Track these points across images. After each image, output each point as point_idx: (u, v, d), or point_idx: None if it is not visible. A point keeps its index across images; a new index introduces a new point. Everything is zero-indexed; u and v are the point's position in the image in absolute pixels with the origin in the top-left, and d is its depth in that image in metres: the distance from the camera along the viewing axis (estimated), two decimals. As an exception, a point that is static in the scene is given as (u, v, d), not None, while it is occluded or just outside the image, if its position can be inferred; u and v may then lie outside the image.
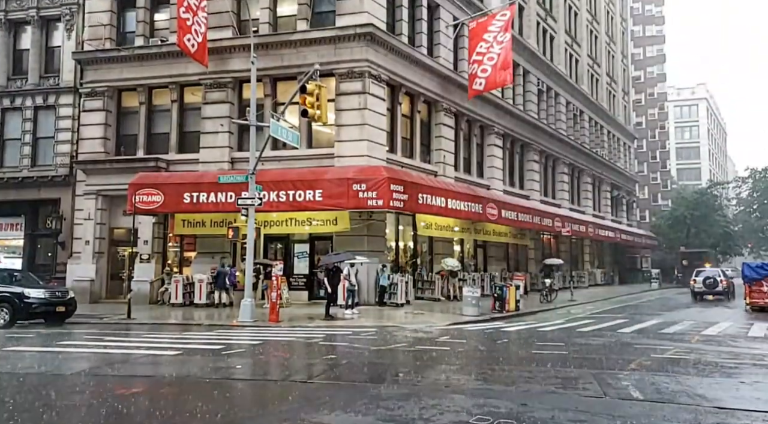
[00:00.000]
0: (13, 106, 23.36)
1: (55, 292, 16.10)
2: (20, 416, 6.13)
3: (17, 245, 23.53)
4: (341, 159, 19.64)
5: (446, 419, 5.69)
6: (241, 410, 6.45)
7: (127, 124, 22.95)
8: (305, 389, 7.27)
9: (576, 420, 5.63)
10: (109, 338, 12.82)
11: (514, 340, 12.35)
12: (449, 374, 8.30)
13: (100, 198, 22.22)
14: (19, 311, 14.93)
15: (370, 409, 6.08)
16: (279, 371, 8.96)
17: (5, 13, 23.44)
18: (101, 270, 22.16)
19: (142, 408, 6.57)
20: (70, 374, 8.54)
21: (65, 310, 15.97)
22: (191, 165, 21.41)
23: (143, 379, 8.11)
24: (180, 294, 20.03)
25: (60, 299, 15.84)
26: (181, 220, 21.05)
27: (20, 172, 23.01)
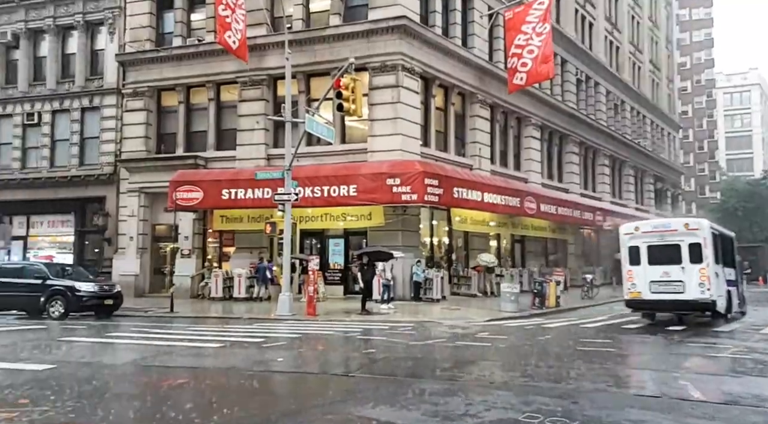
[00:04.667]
0: (62, 108, 24.33)
1: (104, 286, 16.74)
2: (80, 402, 6.43)
3: (68, 241, 24.55)
4: (375, 154, 19.62)
5: (493, 415, 5.57)
6: (284, 402, 6.55)
7: (166, 122, 23.57)
8: (347, 383, 7.28)
9: (635, 420, 5.40)
10: (155, 330, 13.23)
11: (557, 336, 12.07)
12: (493, 370, 8.18)
13: (142, 195, 22.93)
14: (71, 303, 15.62)
15: (414, 404, 6.03)
16: (319, 365, 9.05)
17: (54, 20, 24.39)
18: (145, 265, 22.89)
19: (189, 398, 6.75)
20: (122, 364, 8.88)
21: (113, 303, 16.61)
22: (228, 162, 21.82)
23: (189, 370, 8.33)
24: (220, 288, 20.48)
25: (108, 293, 16.47)
26: (220, 216, 21.50)
27: (69, 171, 23.97)
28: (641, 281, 13.65)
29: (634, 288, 13.82)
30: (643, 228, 14.19)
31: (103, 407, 6.31)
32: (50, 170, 24.33)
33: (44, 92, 24.51)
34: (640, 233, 13.99)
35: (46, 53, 24.70)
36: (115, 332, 12.98)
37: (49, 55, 24.60)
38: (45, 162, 24.44)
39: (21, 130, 24.81)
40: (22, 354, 10.13)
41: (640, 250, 13.79)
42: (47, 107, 24.49)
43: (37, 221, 24.99)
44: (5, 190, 24.65)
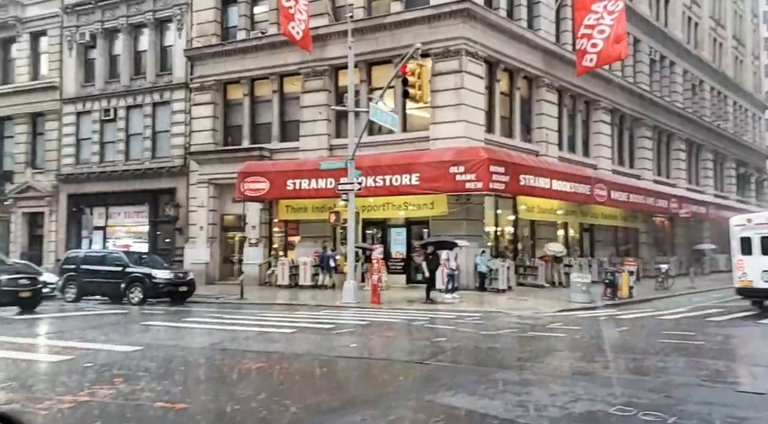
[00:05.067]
0: (135, 103, 25.45)
1: (178, 273, 17.47)
2: (168, 382, 6.68)
3: (143, 230, 25.77)
4: (437, 141, 19.29)
5: (581, 407, 5.29)
6: (362, 388, 6.53)
7: (233, 115, 24.18)
8: (423, 371, 7.18)
9: (740, 418, 4.98)
10: (228, 316, 13.66)
11: (634, 328, 11.49)
12: (572, 361, 7.85)
13: (211, 186, 23.68)
14: (149, 290, 16.40)
15: (496, 393, 5.85)
16: (392, 352, 9.00)
17: (127, 19, 25.49)
18: (214, 254, 23.69)
19: (268, 382, 6.86)
20: (201, 347, 9.17)
21: (187, 290, 17.31)
22: (292, 153, 22.12)
23: (264, 354, 8.49)
24: (286, 276, 20.91)
25: (182, 280, 17.17)
26: (285, 206, 21.89)
27: (142, 164, 25.09)
28: (753, 271, 14.35)
29: (745, 277, 14.60)
30: (756, 220, 15.16)
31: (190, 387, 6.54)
32: (125, 163, 25.55)
33: (119, 89, 25.72)
34: (753, 225, 14.92)
35: (120, 51, 25.87)
36: (191, 318, 13.50)
37: (123, 53, 25.76)
38: (121, 156, 25.69)
39: (99, 125, 26.17)
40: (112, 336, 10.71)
41: (753, 241, 14.60)
42: (122, 103, 25.69)
43: (114, 211, 26.36)
44: (86, 182, 26.13)
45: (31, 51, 27.65)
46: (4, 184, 27.48)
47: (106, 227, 26.34)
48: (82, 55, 26.67)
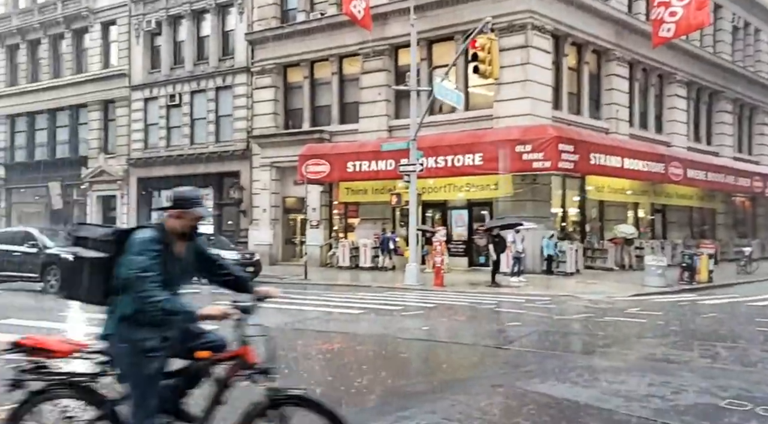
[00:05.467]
0: (199, 88, 26.04)
1: (245, 254, 17.89)
2: None
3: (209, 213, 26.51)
4: (501, 120, 18.67)
5: (687, 399, 4.92)
6: (442, 371, 6.39)
7: (293, 98, 24.32)
8: (505, 356, 6.97)
9: None
10: (294, 296, 13.81)
11: (722, 315, 10.77)
12: (662, 348, 7.41)
13: (273, 169, 24.02)
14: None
15: (588, 381, 5.55)
16: (466, 335, 8.81)
17: (190, 4, 25.99)
18: (277, 235, 24.11)
19: (346, 362, 6.82)
20: (275, 327, 9.28)
21: (253, 270, 17.69)
22: (351, 135, 22.04)
23: (339, 335, 8.51)
24: (347, 258, 21.03)
25: (249, 261, 17.56)
26: (345, 188, 21.91)
27: (207, 148, 25.74)
28: None
29: None
30: None
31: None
32: (191, 147, 26.29)
33: (183, 75, 26.38)
34: None
35: (184, 37, 26.47)
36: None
37: (187, 39, 26.34)
38: (186, 140, 26.44)
39: (165, 111, 27.00)
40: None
41: None
42: (186, 88, 26.36)
43: (181, 194, 27.22)
44: (154, 166, 27.12)
45: (102, 40, 28.75)
46: (80, 168, 28.91)
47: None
48: (148, 43, 27.49)
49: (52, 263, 14.23)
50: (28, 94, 30.59)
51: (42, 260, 14.43)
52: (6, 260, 15.16)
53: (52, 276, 14.18)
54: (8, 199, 31.92)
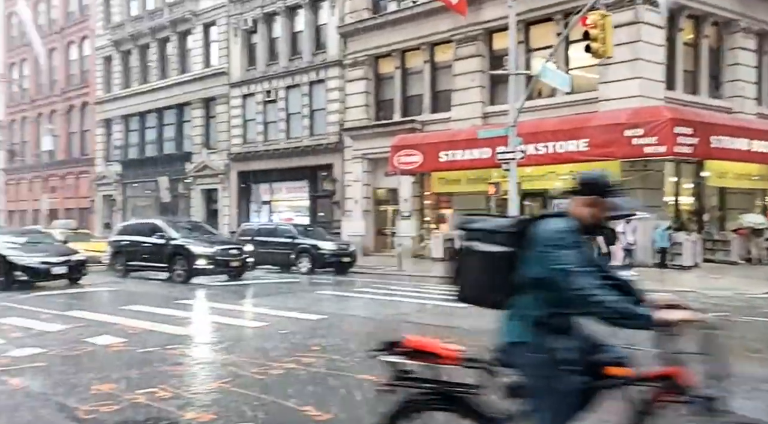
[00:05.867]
0: (294, 83, 26.72)
1: (341, 245, 18.17)
2: (358, 355, 6.65)
3: (303, 205, 27.28)
4: (607, 103, 17.45)
5: None
6: None
7: (384, 89, 24.29)
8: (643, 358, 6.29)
9: None
10: (394, 287, 13.80)
11: None
12: None
13: (365, 161, 24.18)
14: (316, 260, 17.30)
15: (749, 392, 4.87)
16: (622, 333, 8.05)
17: (284, 1, 26.67)
18: (369, 226, 24.29)
19: None
20: (383, 319, 9.23)
21: (349, 261, 17.95)
22: (444, 124, 21.64)
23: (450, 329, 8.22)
24: (440, 249, 20.70)
25: (345, 251, 17.83)
26: (438, 178, 21.58)
27: (302, 142, 26.38)
28: None
29: None
30: None
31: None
32: (286, 141, 27.07)
33: (278, 71, 27.17)
34: None
35: (279, 34, 27.23)
36: (360, 288, 13.85)
37: (281, 35, 27.09)
38: (282, 135, 27.26)
39: (262, 106, 27.99)
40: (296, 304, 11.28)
41: None
42: (281, 84, 27.14)
43: (277, 187, 28.22)
44: (252, 161, 28.23)
45: (204, 41, 30.30)
46: (185, 164, 30.76)
47: (270, 201, 28.33)
48: (245, 41, 28.58)
49: (178, 253, 15.20)
50: (139, 95, 32.97)
51: (169, 251, 15.35)
52: (137, 250, 16.27)
53: (179, 266, 15.18)
54: (124, 193, 34.67)
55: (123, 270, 16.86)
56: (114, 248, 17.48)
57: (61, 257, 14.74)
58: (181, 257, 15.14)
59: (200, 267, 15.01)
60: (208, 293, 13.33)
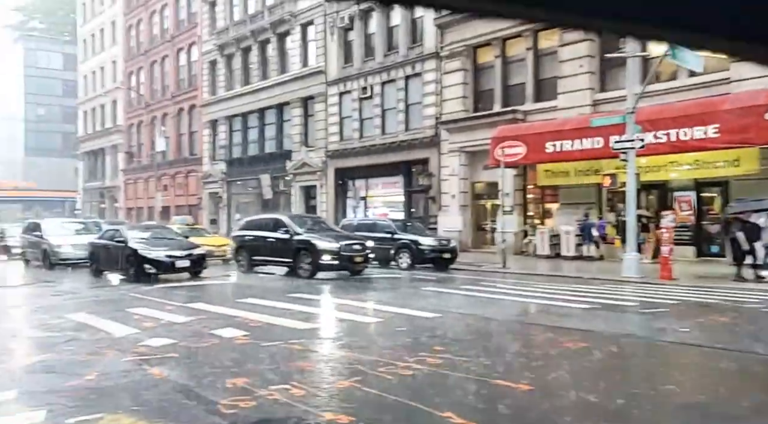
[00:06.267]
0: (389, 79, 26.65)
1: (441, 240, 17.73)
2: (483, 355, 6.25)
3: (398, 200, 27.18)
4: (741, 83, 15.61)
5: None
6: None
7: (483, 79, 23.51)
8: None
9: None
10: (499, 285, 13.23)
11: None
12: None
13: (462, 154, 23.57)
14: (416, 256, 16.99)
15: None
16: (754, 343, 7.15)
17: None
18: (467, 221, 23.68)
19: (613, 366, 5.96)
20: (500, 318, 8.74)
21: (450, 257, 17.47)
22: (548, 114, 20.53)
23: (577, 332, 7.60)
24: (546, 245, 19.71)
25: (445, 247, 17.37)
26: (544, 170, 20.53)
27: (397, 137, 26.25)
28: None
29: None
30: None
31: (519, 365, 5.93)
32: (382, 137, 27.06)
33: (374, 67, 27.20)
34: None
35: (375, 30, 27.25)
36: (465, 285, 13.37)
37: (377, 31, 27.09)
38: (377, 130, 27.29)
39: (358, 103, 28.19)
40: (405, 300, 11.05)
41: None
42: (377, 80, 27.16)
43: (373, 183, 28.32)
44: (348, 157, 28.54)
45: (302, 41, 31.07)
46: (285, 161, 31.74)
47: (366, 197, 28.49)
48: (342, 39, 28.93)
49: (303, 248, 15.17)
50: (242, 96, 34.50)
51: (294, 246, 15.30)
52: (261, 245, 16.32)
53: (304, 261, 15.09)
54: (228, 190, 36.49)
55: (247, 265, 16.95)
56: (237, 242, 17.61)
57: (184, 251, 15.37)
58: (306, 252, 15.06)
59: (325, 262, 14.86)
60: (320, 287, 13.47)
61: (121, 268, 15.66)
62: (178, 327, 8.65)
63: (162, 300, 11.53)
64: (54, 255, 20.07)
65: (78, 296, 12.84)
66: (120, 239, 15.83)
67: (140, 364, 6.35)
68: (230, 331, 8.18)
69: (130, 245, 15.22)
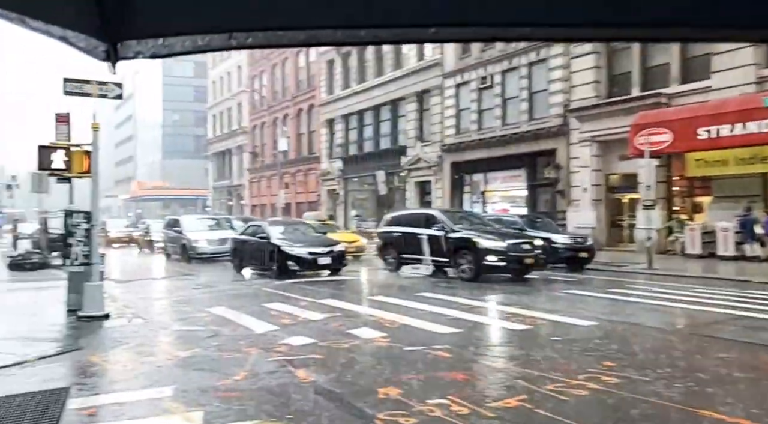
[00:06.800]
0: (511, 67, 25.35)
1: (577, 238, 16.32)
2: (666, 376, 5.26)
3: (519, 195, 25.81)
4: None
5: None
6: None
7: (618, 62, 21.47)
8: None
9: None
10: (652, 288, 11.73)
11: None
12: None
13: (594, 144, 21.74)
14: (549, 254, 15.70)
15: None
16: None
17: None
18: (600, 217, 21.82)
19: None
20: (670, 330, 7.58)
21: (586, 256, 16.02)
22: (699, 95, 18.16)
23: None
24: (697, 244, 17.48)
25: (582, 245, 15.96)
26: (694, 159, 18.22)
27: (519, 128, 24.89)
28: None
29: None
30: None
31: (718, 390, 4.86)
32: (502, 129, 25.84)
33: (494, 55, 26.03)
34: None
35: (494, 17, 26.04)
36: (609, 288, 12.07)
37: (497, 18, 25.84)
38: (497, 122, 26.11)
39: (476, 94, 27.18)
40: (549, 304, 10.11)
41: None
42: (497, 69, 25.97)
43: (492, 177, 27.18)
44: (466, 151, 27.64)
45: (417, 35, 30.65)
46: (399, 157, 31.58)
47: (484, 192, 27.44)
48: (459, 29, 28.05)
49: (462, 247, 13.41)
50: (357, 94, 34.92)
51: (451, 244, 13.63)
52: (412, 242, 14.91)
53: (465, 261, 13.36)
54: (345, 187, 37.19)
55: (395, 263, 15.68)
56: (383, 239, 16.40)
57: (325, 248, 15.02)
58: (465, 251, 13.29)
59: (490, 264, 12.90)
60: (451, 287, 12.84)
61: (265, 264, 15.42)
62: (314, 325, 8.49)
63: (295, 296, 11.58)
64: (192, 250, 21.43)
65: (215, 290, 13.35)
66: (263, 235, 15.67)
67: (284, 365, 6.15)
68: (368, 331, 7.84)
69: (273, 241, 15.04)
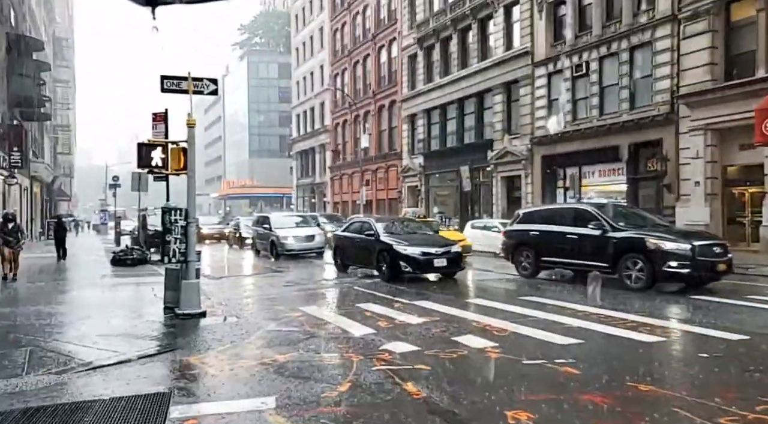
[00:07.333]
0: (609, 52, 23.52)
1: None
2: None
3: (618, 189, 23.95)
4: None
5: None
6: None
7: (738, 41, 19.22)
8: None
9: None
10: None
11: None
12: None
13: (708, 133, 19.65)
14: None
15: None
16: None
17: (596, -39, 23.66)
18: (716, 214, 19.70)
19: None
20: None
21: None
22: (843, 73, 15.78)
23: None
24: (843, 246, 15.17)
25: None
26: (839, 147, 15.89)
27: (619, 117, 23.06)
28: None
29: None
30: None
31: None
32: (599, 119, 24.09)
33: (590, 41, 24.29)
34: None
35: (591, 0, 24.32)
36: (742, 293, 10.54)
37: (594, 0, 24.10)
38: (594, 111, 24.37)
39: (570, 83, 25.54)
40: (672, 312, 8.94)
41: None
42: (593, 55, 24.21)
43: (587, 170, 25.44)
44: (558, 143, 26.07)
45: (505, 23, 29.34)
46: (485, 152, 30.44)
47: (580, 186, 25.71)
48: (551, 15, 26.51)
49: (631, 249, 11.19)
50: (440, 88, 34.09)
51: (615, 246, 11.48)
52: (557, 243, 12.77)
53: (634, 267, 11.17)
54: (426, 183, 36.53)
55: (532, 267, 13.61)
56: (516, 238, 14.25)
57: (440, 248, 13.42)
58: (634, 254, 11.15)
59: (671, 270, 10.77)
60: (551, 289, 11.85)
61: (373, 264, 14.16)
62: (414, 329, 7.92)
63: (387, 296, 11.09)
64: (281, 246, 21.67)
65: (305, 288, 13.11)
66: (369, 232, 14.49)
67: (390, 376, 5.61)
68: (475, 340, 7.15)
69: (383, 239, 13.83)
